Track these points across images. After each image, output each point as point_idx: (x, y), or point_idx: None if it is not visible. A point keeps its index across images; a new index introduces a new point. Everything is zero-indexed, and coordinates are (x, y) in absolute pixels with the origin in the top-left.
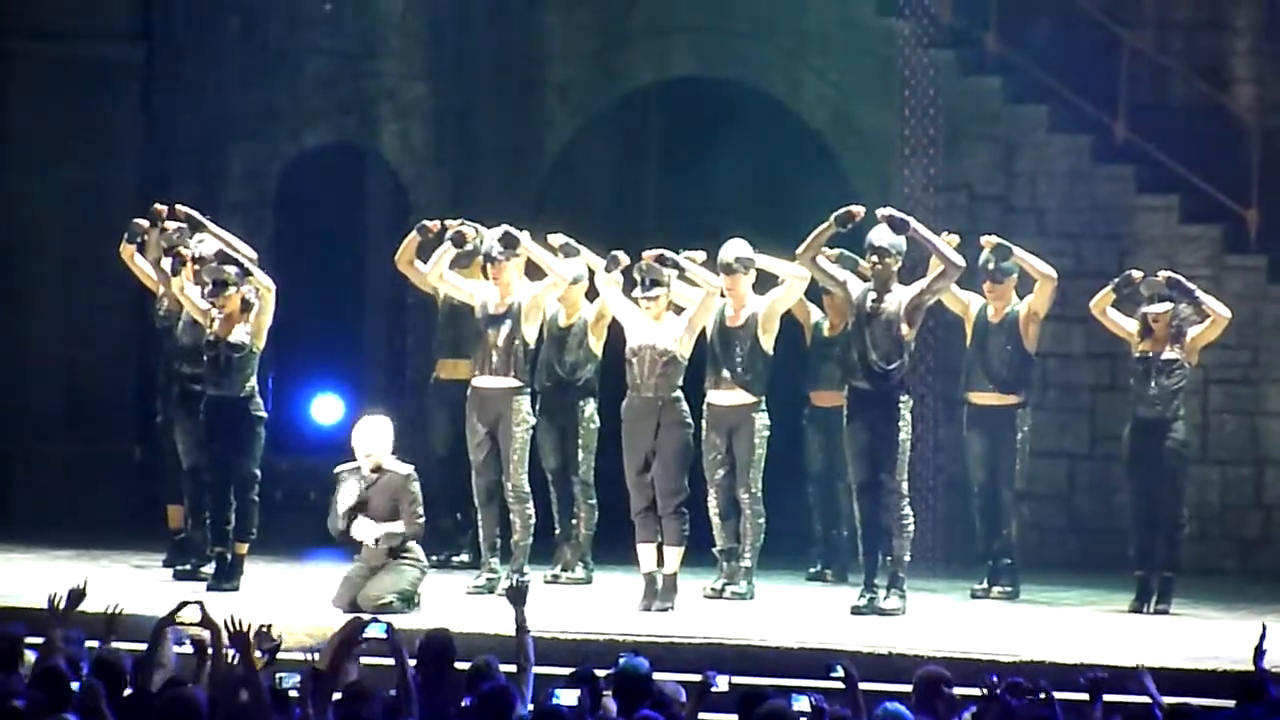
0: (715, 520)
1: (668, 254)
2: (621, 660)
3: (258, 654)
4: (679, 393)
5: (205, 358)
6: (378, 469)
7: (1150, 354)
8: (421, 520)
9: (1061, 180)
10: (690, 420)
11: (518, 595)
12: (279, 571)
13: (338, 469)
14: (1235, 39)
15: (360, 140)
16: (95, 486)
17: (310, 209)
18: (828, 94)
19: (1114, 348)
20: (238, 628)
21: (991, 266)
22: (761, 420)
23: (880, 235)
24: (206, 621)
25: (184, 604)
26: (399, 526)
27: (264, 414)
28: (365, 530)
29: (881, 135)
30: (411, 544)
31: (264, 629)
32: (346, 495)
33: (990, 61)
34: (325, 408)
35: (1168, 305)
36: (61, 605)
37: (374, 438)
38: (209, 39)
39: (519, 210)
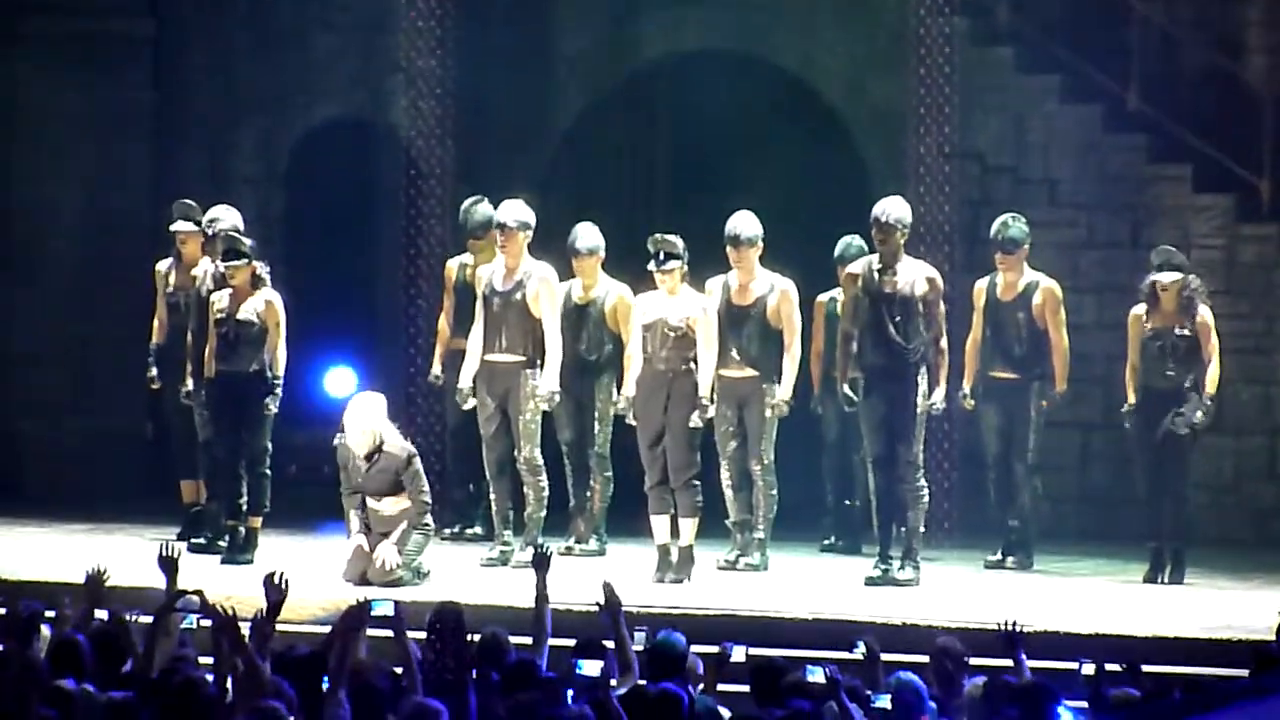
0: (728, 492)
1: None
2: (659, 635)
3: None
4: (691, 365)
5: (215, 335)
6: (377, 449)
7: (1162, 329)
8: (426, 497)
9: (1073, 150)
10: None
11: (541, 561)
12: (292, 544)
13: (336, 440)
14: (1248, 8)
15: (371, 114)
16: (107, 462)
17: (321, 183)
18: (839, 66)
19: (1126, 318)
20: (224, 613)
21: (1002, 238)
22: (772, 391)
23: (884, 209)
24: (206, 609)
25: (182, 593)
26: (395, 543)
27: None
28: (385, 554)
29: (893, 107)
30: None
31: (271, 576)
32: (348, 483)
33: (1001, 32)
34: (338, 380)
35: (1177, 275)
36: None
37: (367, 417)
38: (219, 13)
39: (529, 184)
